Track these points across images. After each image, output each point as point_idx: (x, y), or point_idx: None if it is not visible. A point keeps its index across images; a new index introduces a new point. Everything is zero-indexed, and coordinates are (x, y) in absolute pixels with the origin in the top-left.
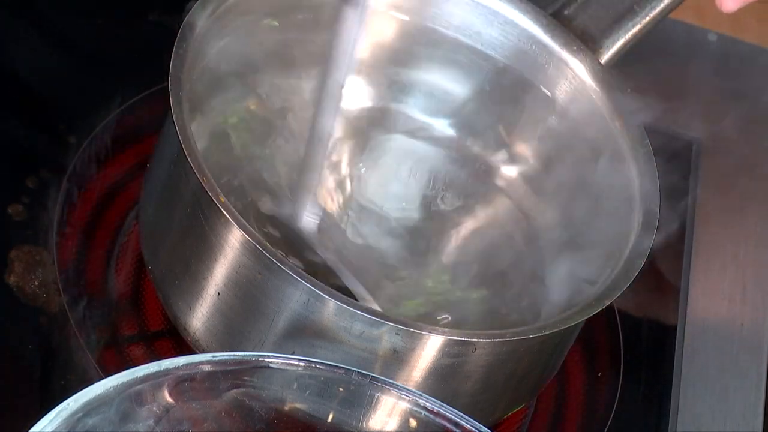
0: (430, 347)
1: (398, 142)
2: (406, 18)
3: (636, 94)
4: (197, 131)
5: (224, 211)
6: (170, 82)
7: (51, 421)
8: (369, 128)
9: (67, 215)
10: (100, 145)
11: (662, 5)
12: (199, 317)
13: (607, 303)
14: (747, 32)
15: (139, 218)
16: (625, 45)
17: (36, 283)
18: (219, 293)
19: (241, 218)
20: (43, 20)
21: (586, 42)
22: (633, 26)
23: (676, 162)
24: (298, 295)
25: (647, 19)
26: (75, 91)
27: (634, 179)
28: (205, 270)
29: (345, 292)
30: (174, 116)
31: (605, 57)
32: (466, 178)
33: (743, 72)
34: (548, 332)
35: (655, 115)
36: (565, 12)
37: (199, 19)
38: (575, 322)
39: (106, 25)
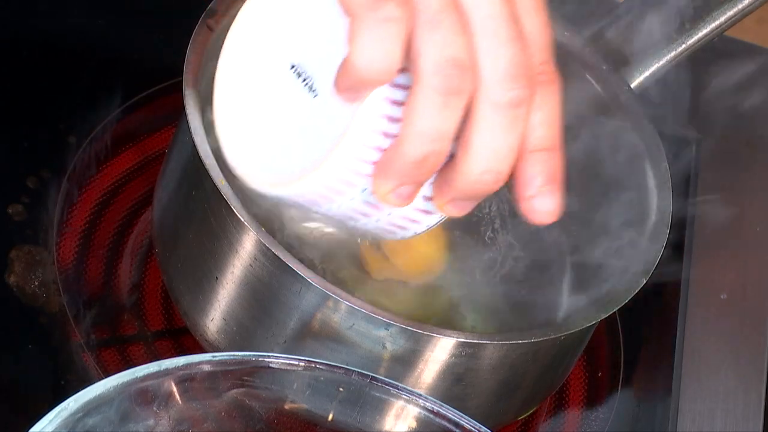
0: (440, 349)
1: None
2: None
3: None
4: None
5: (233, 208)
6: (186, 61)
7: (51, 421)
8: None
9: (67, 215)
10: (100, 145)
11: (700, 34)
12: (210, 314)
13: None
14: (746, 33)
15: (153, 213)
16: (657, 71)
17: (36, 283)
18: (228, 290)
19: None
20: (44, 20)
21: (618, 65)
22: (668, 53)
23: (675, 162)
24: (310, 296)
25: (683, 46)
26: (75, 91)
27: (651, 207)
28: (215, 266)
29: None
30: (186, 108)
31: (636, 81)
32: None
33: (743, 72)
34: (544, 338)
35: (656, 115)
36: (601, 33)
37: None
38: (571, 331)
39: (107, 25)
